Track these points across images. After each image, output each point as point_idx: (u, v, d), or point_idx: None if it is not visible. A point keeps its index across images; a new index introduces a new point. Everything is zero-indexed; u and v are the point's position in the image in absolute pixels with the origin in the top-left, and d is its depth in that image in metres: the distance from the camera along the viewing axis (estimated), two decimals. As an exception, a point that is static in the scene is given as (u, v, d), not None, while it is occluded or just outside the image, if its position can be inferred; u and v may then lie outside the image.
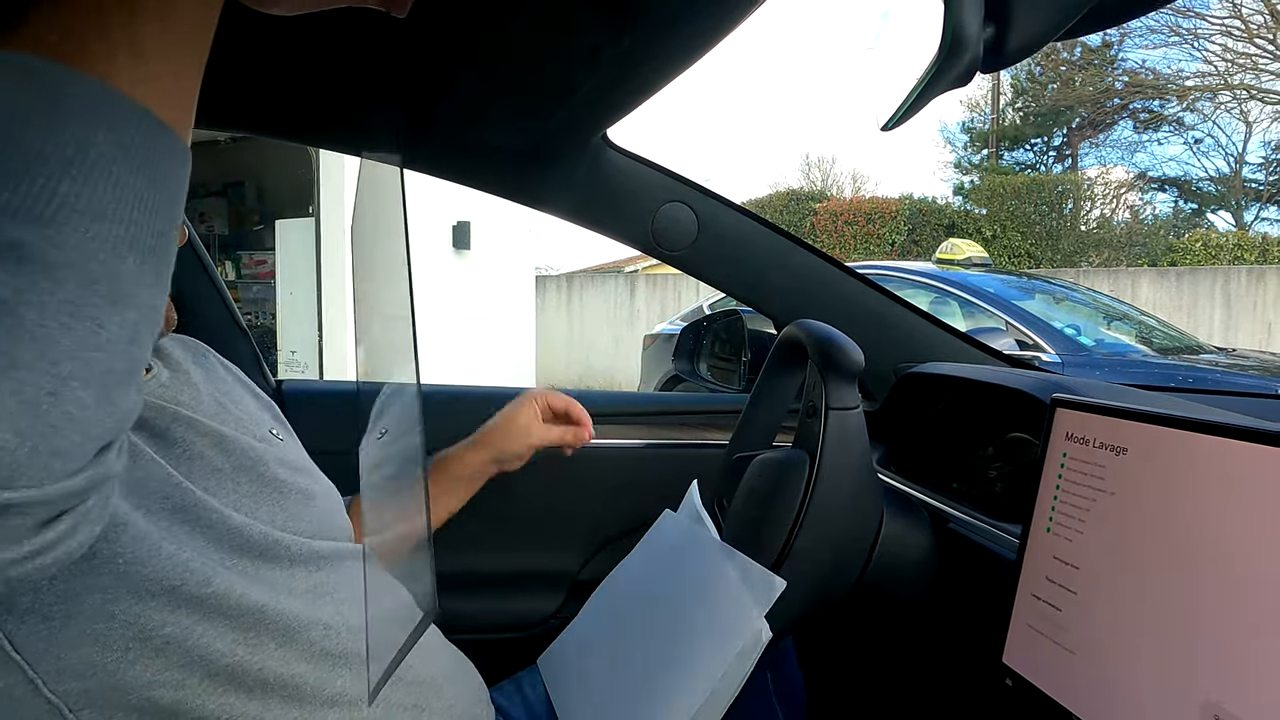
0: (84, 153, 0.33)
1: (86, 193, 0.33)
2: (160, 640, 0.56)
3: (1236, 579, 0.50)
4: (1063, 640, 0.62)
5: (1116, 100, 16.71)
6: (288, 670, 0.62)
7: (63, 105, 0.34)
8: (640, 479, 1.27)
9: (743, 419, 1.01)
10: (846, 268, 1.24)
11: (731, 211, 1.20)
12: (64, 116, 0.33)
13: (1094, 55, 16.42)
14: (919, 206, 12.10)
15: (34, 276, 0.32)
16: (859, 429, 0.80)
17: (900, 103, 0.44)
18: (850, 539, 0.82)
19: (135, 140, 0.35)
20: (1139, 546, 0.57)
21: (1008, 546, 0.79)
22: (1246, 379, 3.34)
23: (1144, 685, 0.55)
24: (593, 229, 1.19)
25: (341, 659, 0.66)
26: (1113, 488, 0.60)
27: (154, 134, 0.36)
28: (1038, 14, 0.40)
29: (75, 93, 0.34)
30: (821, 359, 0.81)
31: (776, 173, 40.66)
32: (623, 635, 0.90)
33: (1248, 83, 14.81)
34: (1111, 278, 8.96)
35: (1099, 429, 0.63)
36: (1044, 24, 0.41)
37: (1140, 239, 12.40)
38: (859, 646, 1.13)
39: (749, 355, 1.41)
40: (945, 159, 20.06)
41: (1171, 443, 0.56)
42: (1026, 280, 4.79)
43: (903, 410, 1.18)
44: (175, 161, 0.37)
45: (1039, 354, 3.48)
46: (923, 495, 1.00)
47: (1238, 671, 0.49)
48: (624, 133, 1.08)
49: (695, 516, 0.91)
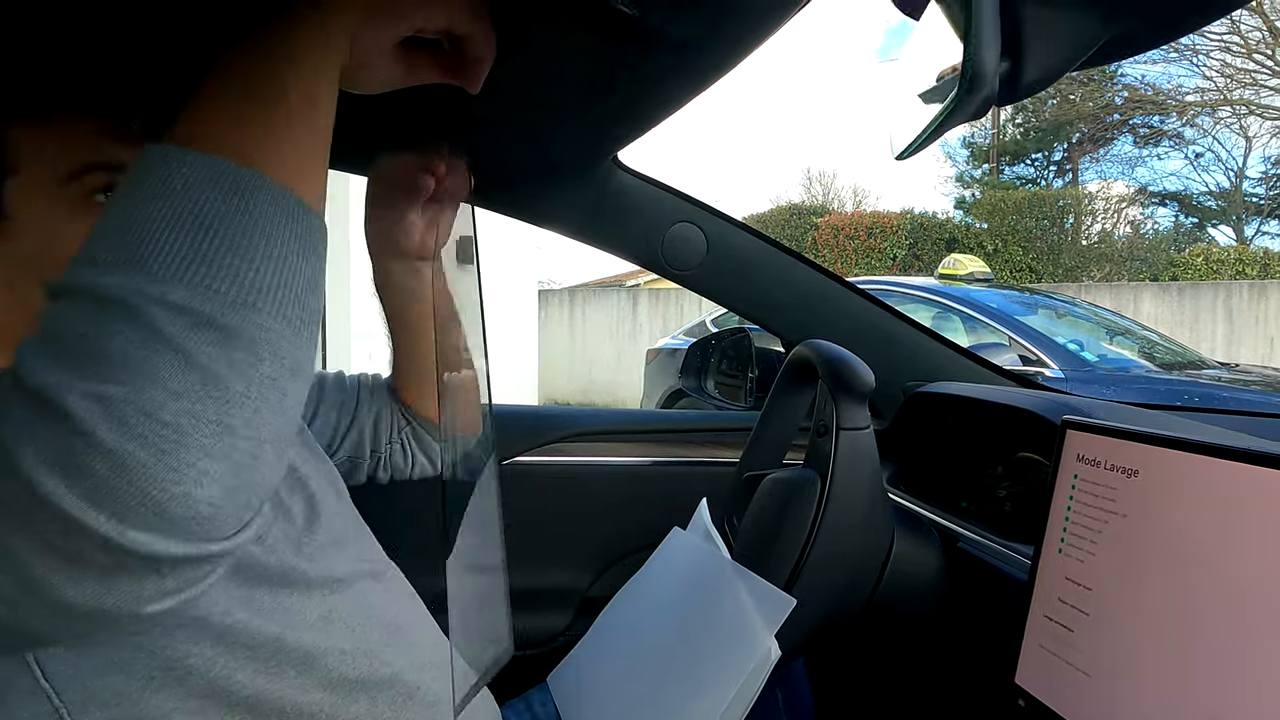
0: (272, 245, 0.39)
1: (277, 280, 0.39)
2: (183, 670, 0.56)
3: (1248, 601, 0.51)
4: (1075, 661, 0.62)
5: (1117, 115, 16.79)
6: (305, 698, 0.62)
7: (255, 204, 0.39)
8: (648, 496, 1.27)
9: (753, 438, 1.01)
10: (852, 285, 1.25)
11: (740, 231, 1.21)
12: (256, 214, 0.39)
13: (1094, 71, 16.50)
14: (920, 221, 12.13)
15: (242, 354, 0.38)
16: (870, 449, 0.81)
17: (917, 135, 0.45)
18: (861, 558, 0.83)
19: (305, 230, 0.41)
20: (1151, 569, 0.58)
21: (1018, 566, 0.80)
22: (1250, 395, 3.34)
23: (1156, 706, 0.55)
24: (602, 248, 1.20)
25: (358, 685, 0.65)
26: (1125, 510, 0.61)
27: (315, 223, 0.43)
28: (1051, 50, 0.41)
29: (264, 193, 0.40)
30: (832, 379, 0.82)
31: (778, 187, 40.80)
32: (633, 653, 0.90)
33: (1247, 98, 14.88)
34: (1113, 292, 8.96)
35: (1110, 451, 0.63)
36: (1057, 59, 0.42)
37: (1141, 254, 12.42)
38: (869, 666, 1.13)
39: (756, 372, 1.42)
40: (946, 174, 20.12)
41: (1184, 466, 0.57)
42: (1029, 295, 4.79)
43: (911, 429, 1.19)
44: (324, 243, 0.44)
45: (1042, 369, 3.48)
46: (932, 514, 1.01)
47: (1250, 694, 0.49)
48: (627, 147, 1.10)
49: (705, 534, 0.92)
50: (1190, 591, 0.55)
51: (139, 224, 0.38)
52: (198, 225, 0.38)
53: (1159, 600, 0.57)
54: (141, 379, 0.35)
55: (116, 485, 0.34)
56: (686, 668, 0.80)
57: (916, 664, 1.01)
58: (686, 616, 0.86)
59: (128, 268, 0.37)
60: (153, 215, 0.38)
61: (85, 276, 0.37)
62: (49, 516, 0.34)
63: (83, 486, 0.34)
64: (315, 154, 0.44)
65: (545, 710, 0.95)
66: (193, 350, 0.36)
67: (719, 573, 0.84)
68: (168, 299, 0.36)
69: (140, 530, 0.35)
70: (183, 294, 0.37)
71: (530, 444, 1.26)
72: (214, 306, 0.37)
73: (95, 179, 0.60)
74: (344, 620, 0.67)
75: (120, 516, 0.35)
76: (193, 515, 0.36)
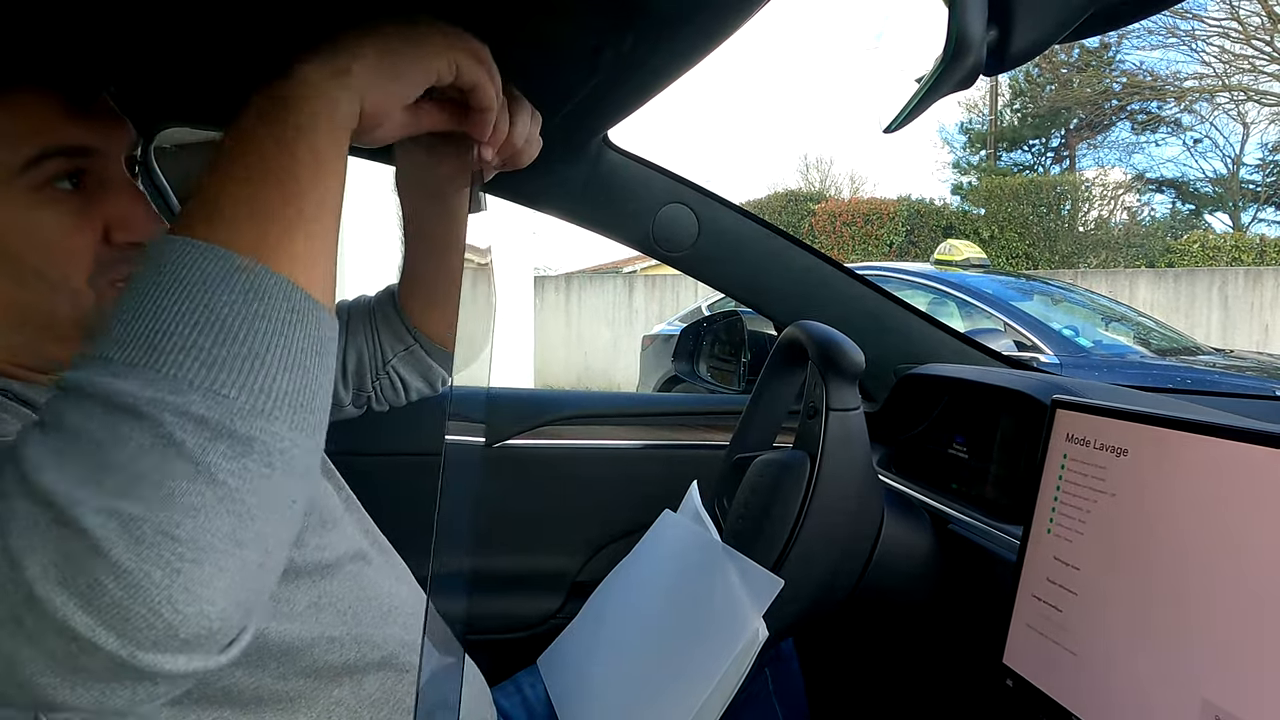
0: (288, 350, 0.38)
1: (293, 388, 0.38)
2: None
3: (1237, 579, 0.50)
4: (1063, 641, 0.62)
5: (1114, 102, 16.74)
6: (284, 686, 0.61)
7: (272, 308, 0.38)
8: (640, 480, 1.27)
9: (743, 420, 1.01)
10: (846, 269, 1.24)
11: (731, 213, 1.20)
12: (272, 317, 0.38)
13: (1092, 57, 16.46)
14: (917, 207, 12.12)
15: (256, 464, 0.36)
16: (860, 430, 0.80)
17: (903, 105, 0.45)
18: (851, 540, 0.82)
19: (317, 330, 0.40)
20: (1140, 547, 0.57)
21: (1007, 548, 0.79)
22: (1244, 380, 3.34)
23: (1144, 685, 0.55)
24: (593, 230, 1.19)
25: (344, 670, 0.65)
26: (1113, 489, 0.61)
27: (326, 320, 0.41)
28: (1041, 18, 0.41)
29: (280, 296, 0.39)
30: (822, 360, 0.81)
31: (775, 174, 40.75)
32: (623, 635, 0.90)
33: (1245, 84, 14.84)
34: (1109, 279, 8.97)
35: (1099, 430, 0.63)
36: (1047, 28, 0.41)
37: (1138, 240, 12.42)
38: (859, 646, 1.13)
39: (749, 356, 1.41)
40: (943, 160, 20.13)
41: (1173, 444, 0.57)
42: (1025, 281, 4.79)
43: (903, 411, 1.18)
44: (335, 340, 0.42)
45: (1037, 355, 3.48)
46: (923, 496, 1.01)
47: (1238, 671, 0.49)
48: (623, 133, 1.08)
49: (695, 517, 0.92)
50: (1179, 571, 0.54)
51: (153, 321, 0.37)
52: (213, 328, 0.37)
53: (1147, 579, 0.56)
54: (159, 495, 0.34)
55: (130, 607, 0.33)
56: (675, 649, 0.80)
57: (907, 645, 1.01)
58: (676, 598, 0.86)
59: (142, 371, 0.36)
60: (168, 313, 0.37)
61: (98, 379, 0.36)
62: (55, 632, 0.33)
63: (94, 606, 0.33)
64: (328, 235, 0.43)
65: (535, 692, 0.95)
66: (210, 463, 0.35)
67: (709, 554, 0.84)
68: (186, 410, 0.35)
69: (150, 651, 0.34)
70: (200, 403, 0.35)
71: (521, 427, 1.25)
72: (231, 416, 0.36)
73: (55, 165, 0.55)
74: (335, 606, 0.66)
75: (131, 638, 0.33)
76: (202, 633, 0.35)
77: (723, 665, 0.71)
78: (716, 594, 0.79)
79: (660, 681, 0.78)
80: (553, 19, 0.66)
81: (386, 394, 0.94)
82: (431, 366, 0.93)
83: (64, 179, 0.56)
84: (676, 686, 0.75)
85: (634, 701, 0.81)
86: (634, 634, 0.89)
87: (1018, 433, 0.96)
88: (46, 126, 0.55)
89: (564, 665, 0.95)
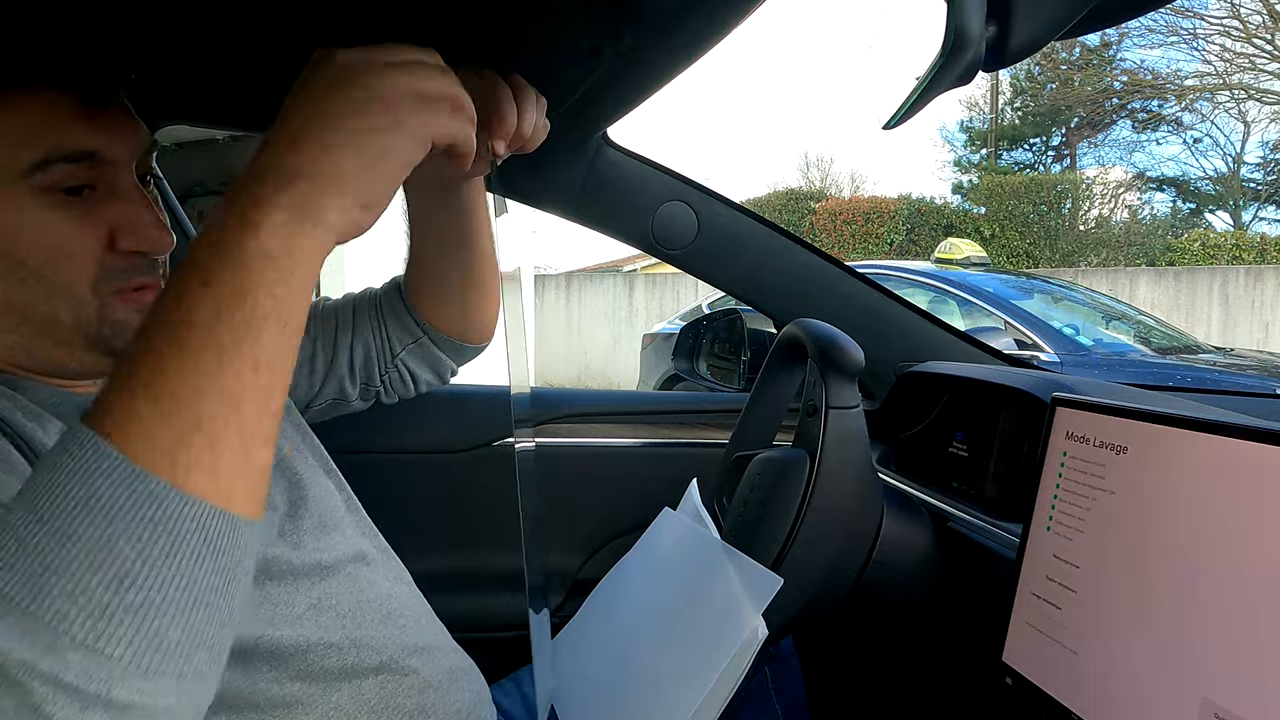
0: (190, 594, 0.35)
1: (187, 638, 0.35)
2: None
3: (1237, 577, 0.50)
4: (1063, 639, 0.62)
5: (1115, 100, 16.72)
6: (282, 691, 0.60)
7: (181, 546, 0.35)
8: (640, 478, 1.27)
9: (742, 418, 1.01)
10: (846, 267, 1.24)
11: (731, 211, 1.20)
12: (180, 559, 0.35)
13: (1093, 55, 16.43)
14: (917, 206, 12.10)
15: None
16: (859, 428, 0.80)
17: (902, 101, 0.45)
18: (850, 538, 0.82)
19: (235, 554, 0.37)
20: (1139, 545, 0.57)
21: (1007, 545, 0.79)
22: (1245, 379, 3.34)
23: (1144, 683, 0.55)
24: (592, 228, 1.19)
25: (341, 675, 0.64)
26: (1113, 486, 0.61)
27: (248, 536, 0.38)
28: (1039, 13, 0.40)
29: (195, 530, 0.35)
30: (822, 358, 0.81)
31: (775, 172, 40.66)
32: (622, 633, 0.90)
33: (1246, 83, 14.82)
34: (1110, 277, 8.96)
35: (1099, 428, 0.63)
36: (1045, 23, 0.41)
37: (1138, 239, 12.40)
38: (859, 644, 1.13)
39: (748, 354, 1.41)
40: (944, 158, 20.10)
41: (1172, 442, 0.56)
42: (1025, 280, 4.79)
43: (902, 409, 1.18)
44: (253, 553, 0.39)
45: (1038, 353, 3.48)
46: (923, 494, 1.00)
47: (1238, 669, 0.49)
48: (622, 131, 1.08)
49: (695, 515, 0.92)
50: (1179, 568, 0.54)
51: (45, 550, 0.33)
52: (109, 569, 0.33)
53: (1147, 577, 0.56)
54: None
55: None
56: (675, 647, 0.80)
57: (906, 643, 1.01)
58: (676, 596, 0.86)
59: (22, 616, 0.32)
60: (64, 542, 0.33)
61: None
62: None
63: None
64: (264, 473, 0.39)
65: (534, 690, 0.94)
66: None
67: (708, 552, 0.84)
68: (58, 678, 0.32)
69: None
70: (76, 666, 0.32)
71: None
72: (109, 681, 0.33)
73: (62, 172, 0.54)
74: (334, 608, 0.66)
75: None
76: None
77: (722, 663, 0.71)
78: (716, 592, 0.78)
79: (660, 679, 0.78)
80: (551, 16, 0.65)
81: (395, 387, 0.94)
82: (441, 359, 0.93)
83: (71, 184, 0.55)
84: (676, 684, 0.75)
85: (633, 699, 0.81)
86: (634, 632, 0.89)
87: (1018, 431, 0.96)
88: (55, 128, 0.53)
89: (564, 663, 0.95)
